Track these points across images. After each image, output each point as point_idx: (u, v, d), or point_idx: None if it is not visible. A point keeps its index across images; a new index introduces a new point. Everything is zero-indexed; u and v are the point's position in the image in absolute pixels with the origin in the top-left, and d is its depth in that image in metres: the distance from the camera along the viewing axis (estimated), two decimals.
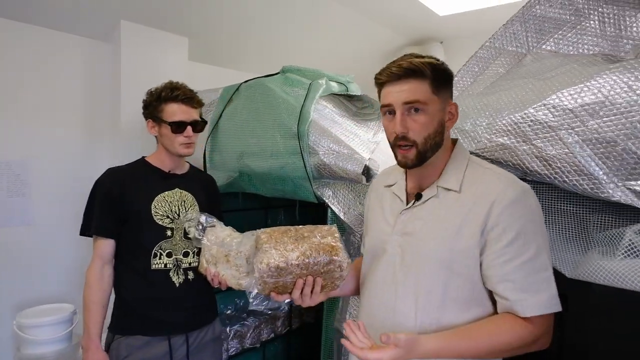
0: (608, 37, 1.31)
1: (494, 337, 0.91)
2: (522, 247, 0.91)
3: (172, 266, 1.50)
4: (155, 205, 1.51)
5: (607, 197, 1.06)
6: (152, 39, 2.18)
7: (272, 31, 2.73)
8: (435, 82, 0.99)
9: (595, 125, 1.07)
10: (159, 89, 1.55)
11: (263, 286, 1.07)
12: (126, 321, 1.47)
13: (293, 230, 1.11)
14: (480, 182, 0.99)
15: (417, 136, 1.00)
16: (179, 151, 1.54)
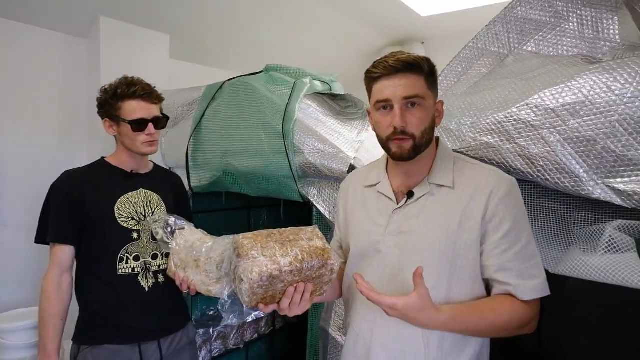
0: (586, 39, 1.35)
1: (498, 313, 0.95)
2: (517, 236, 0.97)
3: (141, 270, 1.44)
4: (119, 207, 1.44)
5: (588, 194, 1.09)
6: (132, 36, 2.13)
7: (255, 30, 2.71)
8: (429, 78, 1.02)
9: (576, 124, 1.10)
10: (113, 85, 1.47)
11: (251, 298, 0.97)
12: (93, 331, 1.40)
13: (277, 233, 1.03)
14: (472, 177, 1.03)
15: (415, 130, 1.00)
16: (141, 150, 1.47)
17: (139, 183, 1.51)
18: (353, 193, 1.22)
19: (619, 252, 0.95)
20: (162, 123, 1.51)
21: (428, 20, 2.86)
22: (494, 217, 0.97)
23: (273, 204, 3.07)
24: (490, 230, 0.98)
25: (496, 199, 0.97)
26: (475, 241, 0.99)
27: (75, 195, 1.40)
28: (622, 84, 1.03)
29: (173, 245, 1.42)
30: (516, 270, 0.96)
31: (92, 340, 1.39)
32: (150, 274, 1.45)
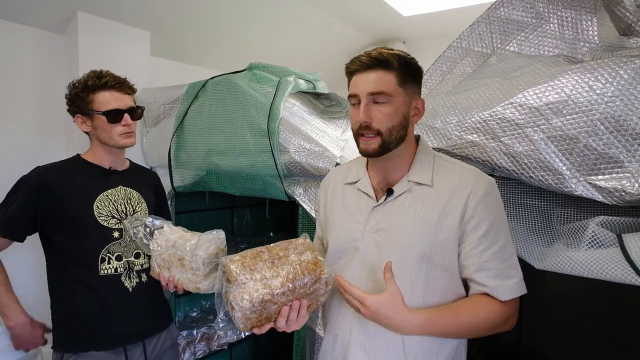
0: (567, 40, 1.38)
1: (474, 313, 0.95)
2: (495, 236, 0.97)
3: (124, 270, 1.39)
4: (98, 206, 1.38)
5: (570, 191, 1.12)
6: (111, 32, 2.08)
7: (237, 28, 2.68)
8: (402, 74, 1.00)
9: (559, 123, 1.12)
10: (82, 79, 1.41)
11: (245, 323, 0.93)
12: (76, 337, 1.34)
13: (265, 251, 0.99)
14: (452, 176, 1.03)
15: (381, 126, 1.00)
16: (119, 142, 1.40)
17: (118, 180, 1.46)
18: (333, 190, 1.21)
19: (602, 247, 0.98)
20: (138, 114, 1.46)
21: (410, 20, 2.88)
22: (473, 218, 0.98)
23: (256, 203, 3.05)
24: (469, 231, 0.98)
25: (475, 200, 0.98)
26: (453, 240, 0.99)
27: (44, 192, 1.33)
28: (603, 83, 1.06)
29: (154, 247, 1.39)
30: (494, 269, 0.96)
31: (76, 348, 1.34)
32: (133, 273, 1.41)
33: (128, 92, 1.44)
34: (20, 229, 1.35)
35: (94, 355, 1.33)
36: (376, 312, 0.91)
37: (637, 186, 1.00)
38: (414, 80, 1.04)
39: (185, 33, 2.49)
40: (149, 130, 2.30)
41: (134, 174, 1.55)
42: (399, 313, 0.91)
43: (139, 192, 1.50)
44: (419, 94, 1.07)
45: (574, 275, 0.96)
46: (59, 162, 1.44)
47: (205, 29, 2.54)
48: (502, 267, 0.97)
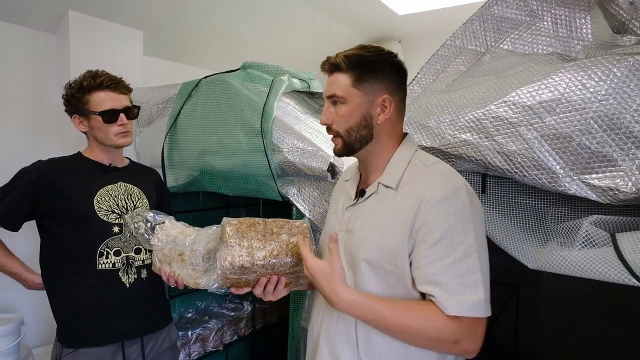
0: (560, 38, 1.37)
1: (411, 314, 0.88)
2: (448, 247, 0.87)
3: (122, 265, 1.39)
4: (99, 200, 1.39)
5: (564, 190, 1.11)
6: (103, 31, 2.06)
7: (231, 27, 2.67)
8: (357, 75, 0.99)
9: (552, 121, 1.11)
10: (78, 79, 1.42)
11: (224, 281, 1.04)
12: (73, 332, 1.35)
13: (262, 223, 1.05)
14: (416, 180, 0.96)
15: (339, 127, 1.02)
16: (115, 142, 1.42)
17: (118, 176, 1.48)
18: (338, 186, 1.23)
19: (596, 246, 0.97)
20: (134, 113, 1.47)
21: (405, 18, 2.87)
22: (423, 226, 0.89)
23: (251, 203, 3.04)
24: (419, 240, 0.90)
25: (427, 206, 0.90)
26: (401, 248, 0.92)
27: (42, 186, 1.34)
28: (596, 81, 1.05)
29: (155, 242, 1.39)
30: (443, 284, 0.86)
31: (73, 342, 1.34)
32: (132, 269, 1.41)
33: (124, 91, 1.44)
34: (14, 219, 1.37)
35: (90, 353, 1.33)
36: (313, 276, 0.93)
37: (630, 185, 0.99)
38: (375, 78, 0.99)
39: (179, 32, 2.47)
40: (142, 130, 2.28)
41: (134, 171, 1.56)
42: (331, 284, 0.91)
43: (140, 188, 1.51)
44: (386, 90, 1.00)
45: (568, 275, 0.95)
46: (60, 158, 1.46)
47: (199, 29, 2.52)
48: (454, 284, 0.86)
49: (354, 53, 1.01)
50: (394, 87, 1.02)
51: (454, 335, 0.86)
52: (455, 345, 0.87)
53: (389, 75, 1.01)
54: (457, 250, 0.87)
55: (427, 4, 2.59)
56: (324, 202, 1.70)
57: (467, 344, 0.87)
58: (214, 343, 2.53)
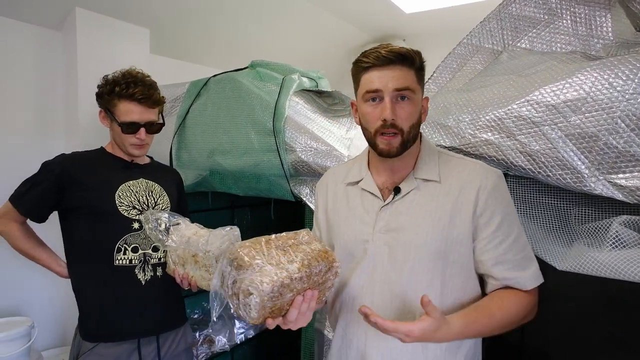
0: (580, 36, 1.36)
1: (506, 309, 0.94)
2: (509, 228, 0.97)
3: (138, 262, 1.38)
4: (120, 195, 1.38)
5: (589, 190, 1.10)
6: (110, 29, 2.03)
7: (237, 25, 2.64)
8: (419, 72, 1.00)
9: (578, 120, 1.10)
10: (114, 79, 1.41)
11: (260, 313, 0.85)
12: (91, 325, 1.35)
13: (274, 239, 0.94)
14: (459, 171, 1.02)
15: (404, 124, 0.97)
16: (129, 151, 1.44)
17: (139, 173, 1.48)
18: (333, 192, 1.16)
19: (626, 247, 0.96)
20: (157, 128, 1.47)
21: (411, 17, 2.86)
22: (485, 212, 0.97)
23: (257, 203, 3.01)
24: (482, 225, 0.97)
25: (485, 193, 0.97)
26: (467, 235, 0.98)
27: (65, 179, 1.35)
28: (623, 80, 1.04)
29: (169, 243, 1.37)
30: (512, 262, 0.96)
31: (90, 336, 1.35)
32: (148, 266, 1.40)
33: (152, 105, 1.43)
34: (40, 212, 1.39)
35: (106, 354, 1.33)
36: (422, 337, 0.86)
37: None
38: (423, 77, 1.05)
39: (185, 30, 2.44)
40: None
41: (155, 169, 1.56)
42: (442, 330, 0.87)
43: (161, 185, 1.50)
44: (423, 90, 1.06)
45: (599, 276, 0.94)
46: (83, 152, 1.46)
47: (205, 27, 2.50)
48: (519, 259, 0.96)
49: (416, 51, 1.00)
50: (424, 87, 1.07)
51: (531, 306, 0.98)
52: (531, 315, 0.98)
53: (424, 76, 1.05)
54: (514, 230, 0.98)
55: (434, 2, 2.58)
56: None
57: (537, 308, 1.00)
58: (221, 343, 2.51)
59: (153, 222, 1.38)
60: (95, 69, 1.98)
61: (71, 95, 1.96)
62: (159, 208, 1.45)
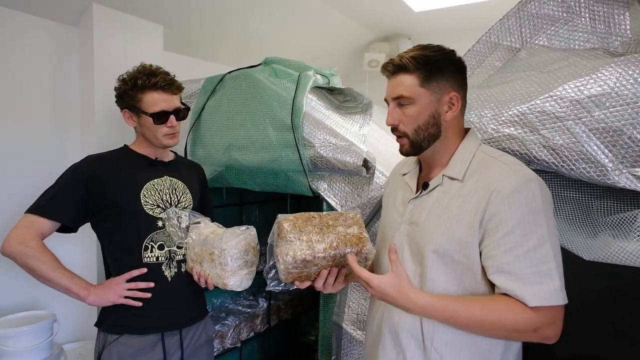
0: (598, 34, 1.39)
1: (489, 309, 0.89)
2: (521, 237, 0.89)
3: (165, 259, 1.40)
4: (145, 194, 1.39)
5: (613, 183, 1.12)
6: (126, 25, 2.04)
7: (247, 23, 2.65)
8: (423, 74, 1.00)
9: (602, 115, 1.13)
10: (132, 75, 1.40)
11: (286, 276, 1.05)
12: (117, 319, 1.36)
13: (317, 217, 1.07)
14: (484, 172, 0.97)
15: (407, 128, 1.03)
16: (162, 143, 1.43)
17: (164, 171, 1.48)
18: (393, 179, 1.24)
19: None
20: (183, 113, 1.48)
21: (420, 15, 2.89)
22: (494, 216, 0.91)
23: (264, 200, 3.03)
24: (490, 230, 0.92)
25: (498, 198, 0.91)
26: (473, 238, 0.94)
27: (95, 181, 1.34)
28: None
29: (187, 240, 1.39)
30: (517, 274, 0.88)
31: (116, 329, 1.35)
32: (173, 263, 1.42)
33: (175, 92, 1.44)
34: (74, 216, 1.34)
35: (131, 344, 1.34)
36: (382, 292, 0.94)
37: None
38: (441, 77, 1.01)
39: (196, 27, 2.45)
40: None
41: (179, 166, 1.56)
42: (403, 293, 0.92)
43: (184, 182, 1.51)
44: (452, 88, 1.02)
45: (627, 265, 0.97)
46: (108, 152, 1.46)
47: (215, 23, 2.51)
48: (529, 273, 0.87)
49: (419, 54, 1.01)
50: (458, 84, 1.03)
51: (532, 325, 0.87)
52: (535, 334, 0.88)
53: (454, 72, 1.03)
54: (530, 240, 0.88)
55: (444, 0, 2.61)
56: (356, 196, 1.71)
57: (547, 331, 0.88)
58: (232, 340, 2.52)
59: (174, 220, 1.40)
60: (111, 65, 1.99)
61: (87, 91, 1.97)
62: (181, 206, 1.46)
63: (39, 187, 1.41)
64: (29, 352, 1.45)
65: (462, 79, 1.05)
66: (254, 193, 2.86)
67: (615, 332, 1.95)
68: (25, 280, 1.76)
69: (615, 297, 1.95)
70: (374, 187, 1.68)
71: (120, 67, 2.02)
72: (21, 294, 1.76)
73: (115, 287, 1.33)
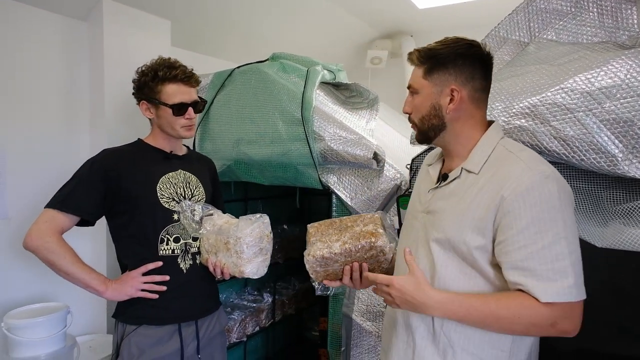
0: (606, 28, 1.41)
1: (504, 304, 0.90)
2: (536, 235, 0.88)
3: (180, 252, 1.41)
4: (161, 187, 1.41)
5: (623, 173, 1.15)
6: (134, 20, 2.04)
7: (253, 20, 2.67)
8: (427, 67, 1.04)
9: (612, 106, 1.15)
10: (152, 67, 1.42)
11: (315, 275, 1.17)
12: (135, 311, 1.38)
13: (338, 221, 1.20)
14: (499, 166, 0.97)
15: (414, 117, 1.10)
16: (180, 134, 1.45)
17: (178, 164, 1.49)
18: (421, 172, 1.27)
19: None
20: (201, 106, 1.50)
21: (423, 13, 2.91)
22: (508, 213, 0.90)
23: (269, 196, 3.05)
24: (504, 227, 0.91)
25: (513, 195, 0.90)
26: (479, 232, 0.94)
27: (112, 175, 1.36)
28: None
29: (202, 231, 1.41)
30: (531, 270, 0.88)
31: (135, 320, 1.37)
32: (188, 255, 1.43)
33: (194, 84, 1.46)
34: (93, 209, 1.35)
35: (149, 334, 1.36)
36: (403, 292, 0.95)
37: None
38: (443, 70, 1.02)
39: (202, 23, 2.46)
40: None
41: (192, 159, 1.57)
42: (422, 290, 0.94)
43: (197, 177, 1.52)
44: (454, 81, 1.02)
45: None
46: (124, 147, 1.48)
47: (221, 20, 2.52)
48: (542, 270, 0.87)
49: (427, 47, 1.06)
50: (464, 77, 1.02)
51: (549, 320, 0.88)
52: (552, 328, 0.89)
53: (460, 66, 1.02)
54: (545, 237, 0.88)
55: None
56: (366, 189, 1.73)
57: (565, 326, 0.89)
58: (237, 334, 2.54)
59: (188, 212, 1.42)
60: (120, 59, 2.00)
61: (97, 86, 1.97)
62: (195, 199, 1.48)
63: (49, 182, 1.42)
64: (43, 342, 1.46)
65: (473, 72, 1.02)
66: (258, 189, 2.88)
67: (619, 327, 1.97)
68: (37, 273, 1.77)
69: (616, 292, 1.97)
70: (384, 180, 1.70)
71: (129, 63, 2.03)
72: (33, 287, 1.77)
73: (131, 281, 1.34)
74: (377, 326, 1.69)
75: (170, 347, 1.37)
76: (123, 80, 2.01)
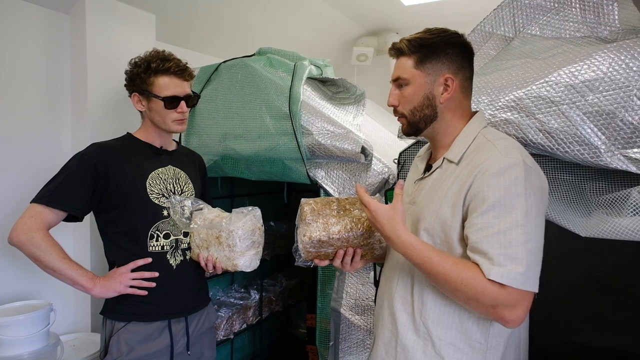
0: (588, 23, 1.44)
1: (456, 267, 0.90)
2: (494, 219, 0.88)
3: (170, 248, 1.40)
4: (150, 183, 1.39)
5: (606, 164, 1.18)
6: (118, 13, 2.00)
7: (239, 15, 2.65)
8: (419, 57, 1.03)
9: (595, 99, 1.18)
10: (146, 58, 1.39)
11: (306, 254, 1.13)
12: (124, 307, 1.36)
13: (336, 201, 1.14)
14: (477, 154, 0.98)
15: (404, 108, 1.07)
16: (171, 128, 1.43)
17: (168, 160, 1.47)
18: (412, 164, 1.27)
19: None
20: (193, 101, 1.47)
21: (409, 9, 2.92)
22: (475, 196, 0.92)
23: (255, 192, 3.03)
24: (471, 209, 0.93)
25: (481, 178, 0.92)
26: (453, 217, 0.96)
27: (101, 169, 1.32)
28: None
29: (193, 226, 1.39)
30: (484, 252, 0.88)
31: (123, 316, 1.35)
32: (178, 251, 1.42)
33: (187, 78, 1.44)
34: (81, 204, 1.31)
35: (138, 331, 1.34)
36: (375, 217, 0.98)
37: None
38: (436, 59, 1.03)
39: (188, 17, 2.43)
40: None
41: (182, 155, 1.55)
42: (392, 224, 0.95)
43: (187, 173, 1.50)
44: (448, 70, 1.03)
45: (623, 239, 1.02)
46: (113, 141, 1.44)
47: (207, 15, 2.50)
48: (494, 254, 0.87)
49: (416, 36, 1.05)
50: (456, 66, 1.04)
51: (491, 300, 0.87)
52: (493, 310, 0.88)
53: (451, 55, 1.03)
54: (503, 222, 0.88)
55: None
56: (354, 183, 1.73)
57: (506, 312, 0.87)
58: (225, 332, 2.52)
59: (178, 207, 1.40)
60: (103, 54, 1.96)
61: (80, 80, 1.93)
62: (184, 196, 1.47)
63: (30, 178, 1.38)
64: (26, 341, 1.43)
65: (462, 61, 1.05)
66: (245, 186, 2.87)
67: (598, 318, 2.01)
68: (19, 270, 1.73)
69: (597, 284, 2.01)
70: (372, 174, 1.71)
71: (112, 57, 2.01)
72: (15, 284, 1.73)
73: (120, 277, 1.32)
74: (365, 320, 1.70)
75: (160, 343, 1.36)
76: (106, 75, 1.98)
